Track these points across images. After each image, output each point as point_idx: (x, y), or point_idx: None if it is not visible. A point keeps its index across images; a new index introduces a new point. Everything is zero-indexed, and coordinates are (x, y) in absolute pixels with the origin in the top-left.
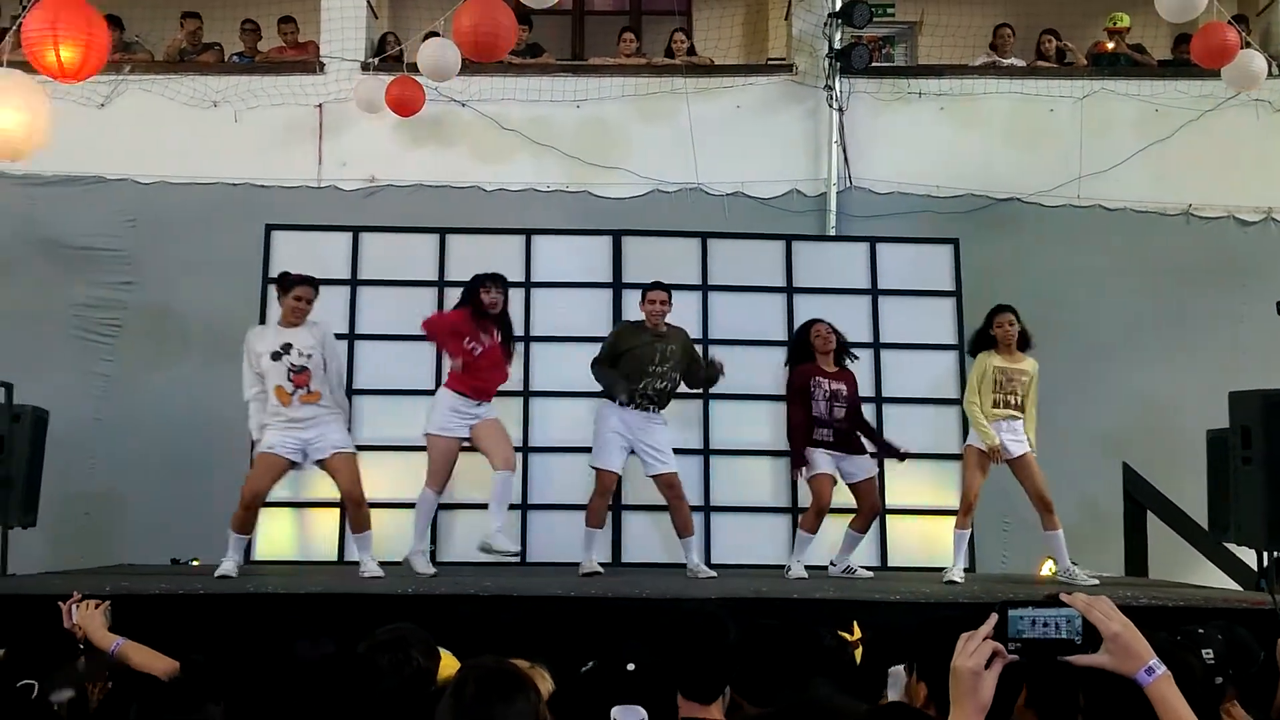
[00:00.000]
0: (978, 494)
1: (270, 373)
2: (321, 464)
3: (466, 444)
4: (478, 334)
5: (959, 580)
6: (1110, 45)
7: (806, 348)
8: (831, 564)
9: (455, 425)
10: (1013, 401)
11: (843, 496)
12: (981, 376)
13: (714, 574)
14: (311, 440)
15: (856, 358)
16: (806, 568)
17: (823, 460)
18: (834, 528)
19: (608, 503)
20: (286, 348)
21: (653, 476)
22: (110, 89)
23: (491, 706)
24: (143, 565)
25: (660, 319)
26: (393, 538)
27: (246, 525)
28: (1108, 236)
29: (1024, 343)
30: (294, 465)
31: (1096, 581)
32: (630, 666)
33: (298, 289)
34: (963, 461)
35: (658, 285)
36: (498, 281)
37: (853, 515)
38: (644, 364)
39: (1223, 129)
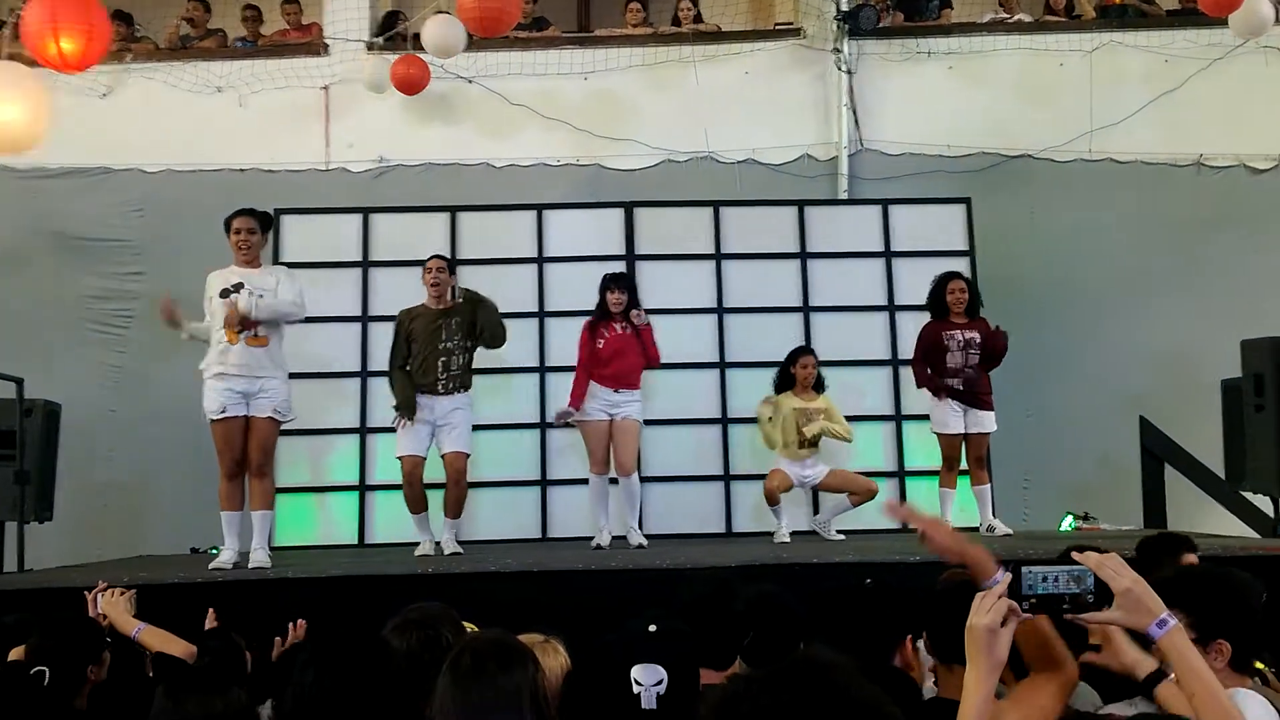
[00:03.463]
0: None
1: (219, 312)
2: (250, 424)
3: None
4: (602, 330)
5: (787, 541)
6: None
7: (941, 304)
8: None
9: (595, 410)
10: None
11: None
12: (782, 419)
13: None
14: (254, 395)
15: (983, 305)
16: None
17: (951, 417)
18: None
19: (415, 490)
20: (237, 286)
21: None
22: (113, 79)
23: (488, 677)
24: (161, 555)
25: (442, 291)
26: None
27: (233, 500)
28: (1120, 190)
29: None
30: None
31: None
32: (651, 628)
33: (235, 222)
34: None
35: (434, 256)
36: (619, 282)
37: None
38: (434, 344)
39: (1232, 77)
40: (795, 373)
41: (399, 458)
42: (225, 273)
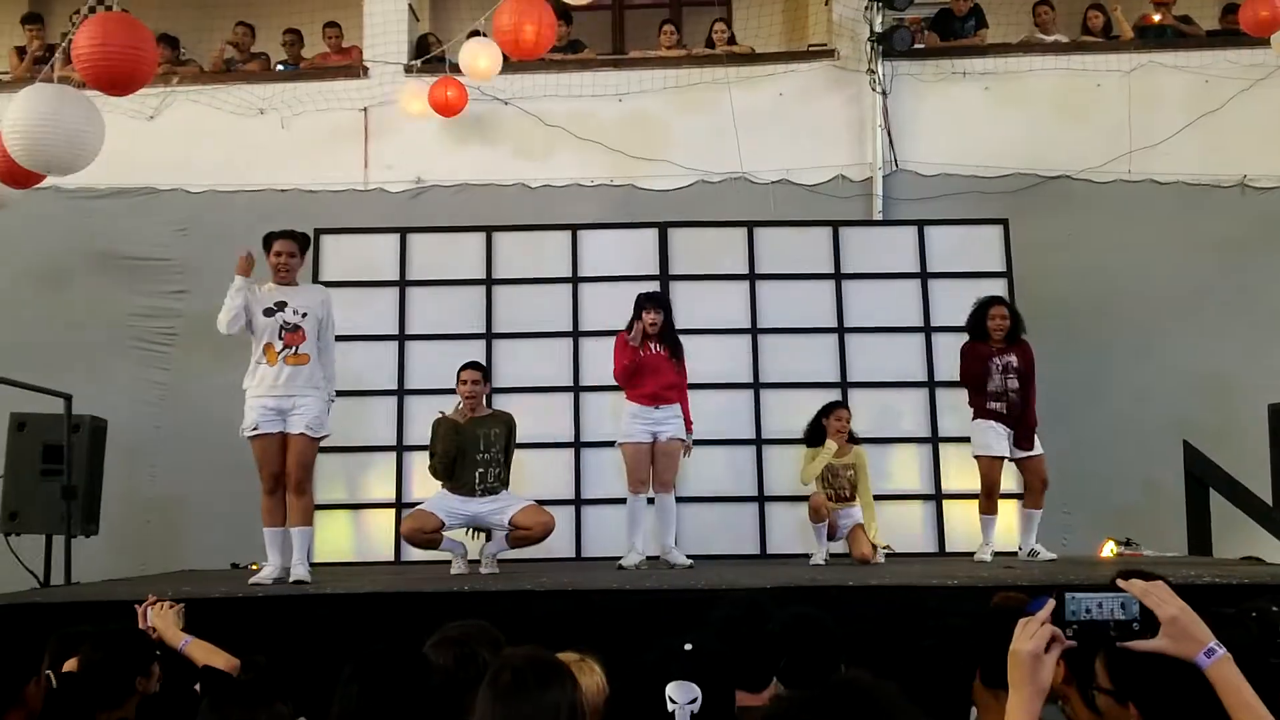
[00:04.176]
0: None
1: (262, 330)
2: (287, 441)
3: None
4: (636, 350)
5: (823, 563)
6: (1157, 18)
7: (982, 329)
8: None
9: (638, 431)
10: (844, 494)
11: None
12: (816, 471)
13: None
14: (289, 412)
15: (1025, 330)
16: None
17: (994, 439)
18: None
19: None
20: (280, 305)
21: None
22: (159, 101)
23: (526, 694)
24: (203, 571)
25: (476, 404)
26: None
27: (275, 515)
28: (1161, 211)
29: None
30: (285, 436)
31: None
32: (687, 646)
33: (276, 244)
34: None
35: (471, 365)
36: (654, 301)
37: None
38: (471, 453)
39: (1275, 97)
40: (828, 424)
41: (416, 511)
42: (264, 291)
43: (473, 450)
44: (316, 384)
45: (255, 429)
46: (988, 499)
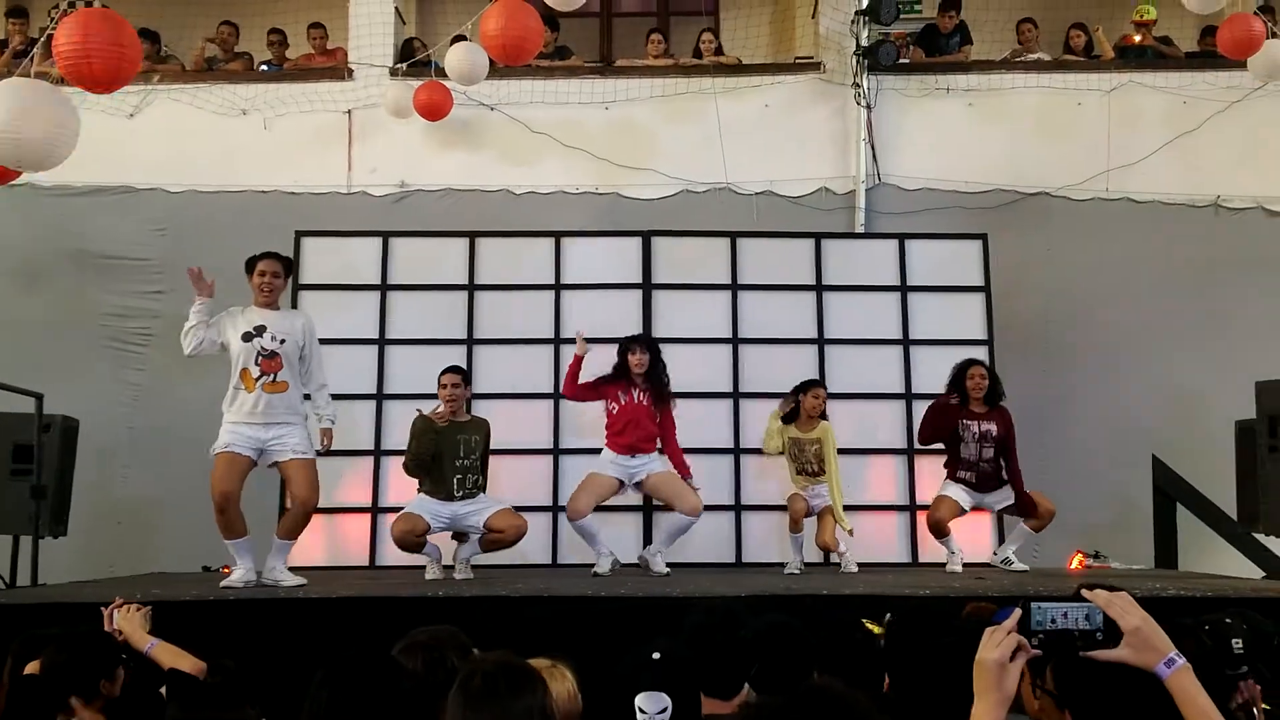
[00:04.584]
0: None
1: (239, 355)
2: (278, 466)
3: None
4: (616, 394)
5: (798, 572)
6: (1137, 38)
7: (961, 389)
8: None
9: (612, 470)
10: (811, 469)
11: None
12: (777, 444)
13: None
14: (268, 441)
15: (1004, 396)
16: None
17: (956, 492)
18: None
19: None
20: (260, 330)
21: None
22: (140, 99)
23: (497, 699)
24: (175, 574)
25: (457, 407)
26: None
27: (234, 528)
28: (1137, 229)
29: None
30: (252, 465)
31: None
32: (655, 655)
33: (260, 264)
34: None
35: (451, 369)
36: (640, 342)
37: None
38: (451, 458)
39: (1250, 119)
40: (803, 401)
41: (396, 518)
42: (246, 313)
43: (452, 455)
44: (297, 410)
45: (228, 447)
46: (934, 531)
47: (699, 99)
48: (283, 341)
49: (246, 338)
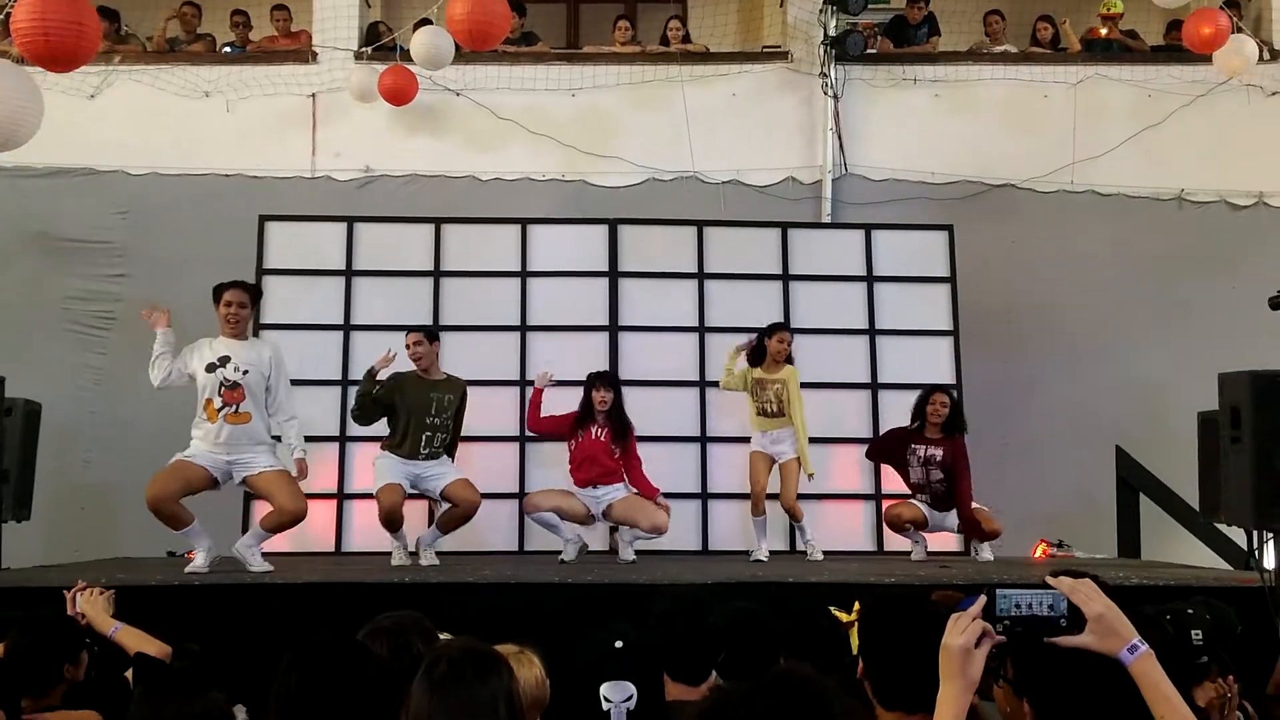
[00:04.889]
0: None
1: (203, 385)
2: (249, 483)
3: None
4: (575, 431)
5: (764, 560)
6: (1104, 31)
7: (921, 414)
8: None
9: (582, 498)
10: (771, 409)
11: None
12: (736, 379)
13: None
14: (234, 463)
15: (965, 429)
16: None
17: (921, 504)
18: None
19: (395, 520)
20: (224, 360)
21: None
22: (101, 80)
23: (465, 685)
24: (139, 559)
25: (426, 365)
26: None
27: (177, 522)
28: (1101, 222)
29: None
30: (213, 484)
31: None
32: (618, 644)
33: (226, 294)
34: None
35: (412, 328)
36: (605, 381)
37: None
38: (421, 415)
39: (1214, 114)
40: (769, 345)
41: (377, 493)
42: (214, 344)
43: (422, 413)
44: (260, 439)
45: (191, 456)
46: (890, 524)
47: (666, 87)
48: (246, 372)
49: (210, 368)
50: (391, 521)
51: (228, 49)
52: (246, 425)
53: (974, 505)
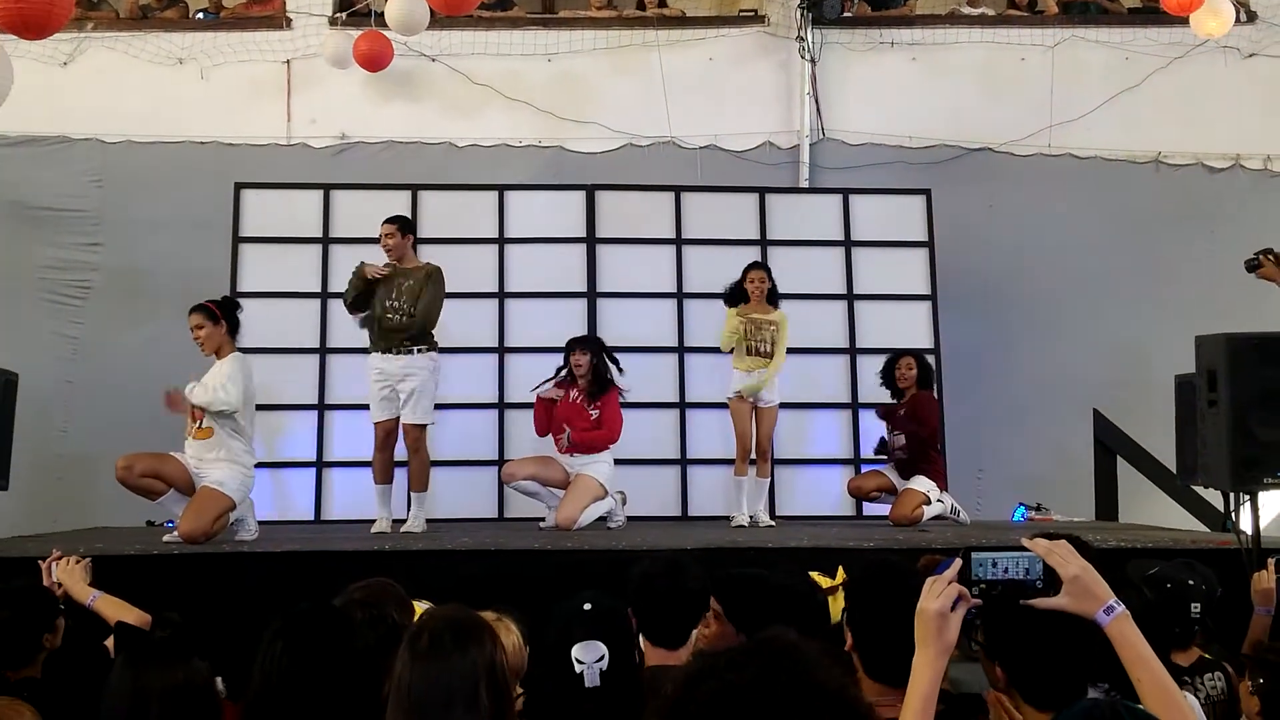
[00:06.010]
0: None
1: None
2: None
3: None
4: (551, 403)
5: (745, 525)
6: None
7: (891, 380)
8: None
9: (565, 463)
10: (764, 350)
11: None
12: (731, 338)
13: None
14: (197, 475)
15: (932, 384)
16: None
17: (889, 471)
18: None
19: (386, 455)
20: (198, 377)
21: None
22: (73, 47)
23: (447, 654)
24: (118, 528)
25: (399, 255)
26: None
27: (149, 493)
28: (1078, 185)
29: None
30: (189, 486)
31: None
32: (586, 606)
33: (191, 318)
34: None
35: (386, 219)
36: (581, 344)
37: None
38: (382, 300)
39: (1191, 76)
40: (747, 288)
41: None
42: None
43: (384, 298)
44: (222, 456)
45: (179, 455)
46: (852, 492)
47: (642, 51)
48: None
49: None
50: (383, 459)
51: (201, 15)
52: (208, 441)
53: (914, 484)
